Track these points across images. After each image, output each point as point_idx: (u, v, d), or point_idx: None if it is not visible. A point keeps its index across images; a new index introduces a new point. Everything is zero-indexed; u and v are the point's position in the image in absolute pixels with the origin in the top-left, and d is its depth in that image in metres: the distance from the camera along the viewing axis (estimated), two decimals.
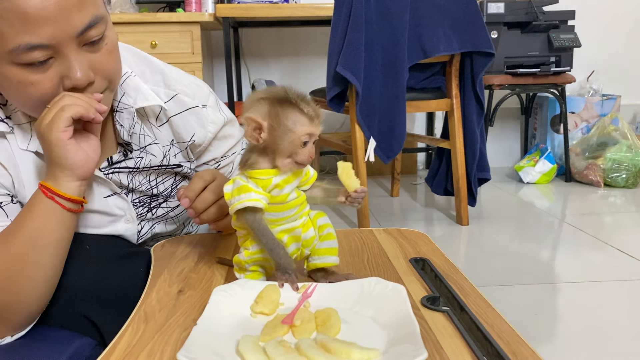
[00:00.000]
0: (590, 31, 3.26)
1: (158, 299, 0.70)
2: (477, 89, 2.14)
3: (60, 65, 0.71)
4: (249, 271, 0.71)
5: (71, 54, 0.70)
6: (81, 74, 0.71)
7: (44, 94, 0.71)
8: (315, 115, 0.67)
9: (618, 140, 2.91)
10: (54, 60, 0.70)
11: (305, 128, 0.66)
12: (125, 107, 0.86)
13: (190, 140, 0.95)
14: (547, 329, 1.41)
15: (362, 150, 2.07)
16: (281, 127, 0.65)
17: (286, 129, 0.65)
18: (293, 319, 0.58)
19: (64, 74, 0.71)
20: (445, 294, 0.71)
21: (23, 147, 0.80)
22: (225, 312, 0.61)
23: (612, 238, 2.09)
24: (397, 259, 0.84)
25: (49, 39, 0.67)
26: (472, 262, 1.95)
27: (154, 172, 0.94)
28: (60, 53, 0.70)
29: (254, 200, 0.66)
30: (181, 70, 0.97)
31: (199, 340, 0.53)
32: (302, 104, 0.66)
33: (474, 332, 0.60)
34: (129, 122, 0.86)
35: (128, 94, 0.86)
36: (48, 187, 0.73)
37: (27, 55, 0.67)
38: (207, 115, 0.95)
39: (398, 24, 1.95)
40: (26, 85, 0.70)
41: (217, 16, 2.56)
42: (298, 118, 0.66)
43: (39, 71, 0.70)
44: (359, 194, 0.71)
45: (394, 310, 0.59)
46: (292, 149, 0.66)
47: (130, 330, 0.61)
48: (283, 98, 0.66)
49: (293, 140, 0.66)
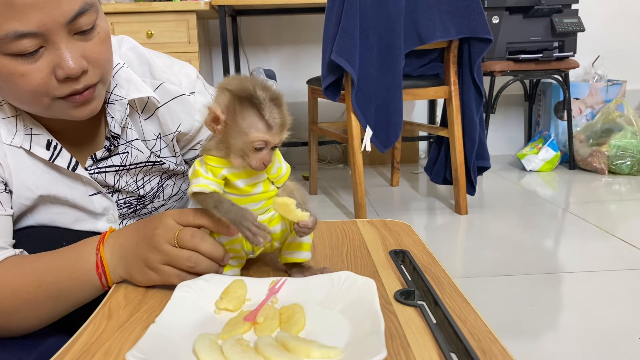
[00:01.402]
0: (594, 15, 3.19)
1: (125, 294, 0.68)
2: (474, 76, 2.10)
3: (51, 54, 0.68)
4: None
5: (62, 42, 0.68)
6: (74, 63, 0.68)
7: (35, 85, 0.69)
8: (278, 123, 0.62)
9: (623, 126, 2.86)
10: (44, 49, 0.68)
11: (260, 135, 0.61)
12: (118, 99, 0.84)
13: (177, 131, 0.93)
14: (547, 320, 1.39)
15: (358, 139, 2.04)
16: (235, 126, 0.62)
17: (239, 129, 0.62)
18: (256, 316, 0.56)
19: (55, 64, 0.68)
20: (422, 288, 0.68)
21: (7, 142, 0.78)
22: (187, 308, 0.59)
23: (615, 227, 2.05)
24: (376, 251, 0.82)
25: (37, 25, 0.65)
26: (468, 252, 1.93)
27: (141, 170, 0.92)
28: (51, 42, 0.67)
29: (201, 185, 0.63)
30: (169, 57, 0.94)
31: (153, 340, 0.51)
32: (265, 107, 0.61)
33: (445, 329, 0.57)
34: (120, 114, 0.84)
35: (120, 85, 0.84)
36: (103, 262, 0.70)
37: (16, 45, 0.65)
38: (194, 104, 0.92)
39: (393, 9, 1.91)
40: (17, 77, 0.68)
41: (213, 4, 2.53)
42: (254, 122, 0.61)
43: (29, 62, 0.67)
44: (301, 228, 0.66)
45: (362, 306, 0.57)
46: (244, 151, 0.63)
47: (91, 327, 0.60)
48: (247, 95, 0.62)
49: (245, 143, 0.62)
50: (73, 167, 0.81)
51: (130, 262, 0.69)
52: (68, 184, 0.83)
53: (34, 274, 0.71)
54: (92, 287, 0.72)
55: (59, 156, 0.80)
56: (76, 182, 0.84)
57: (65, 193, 0.83)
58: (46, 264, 0.72)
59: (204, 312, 0.60)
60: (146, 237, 0.68)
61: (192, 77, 0.93)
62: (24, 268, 0.71)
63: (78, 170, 0.82)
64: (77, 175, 0.83)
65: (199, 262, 0.66)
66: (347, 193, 2.62)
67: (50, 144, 0.79)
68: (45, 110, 0.74)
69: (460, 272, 1.71)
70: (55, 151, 0.80)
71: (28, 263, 0.72)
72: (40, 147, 0.79)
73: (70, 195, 0.83)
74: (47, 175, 0.81)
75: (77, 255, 0.72)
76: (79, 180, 0.84)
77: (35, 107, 0.74)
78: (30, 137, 0.78)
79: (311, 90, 2.45)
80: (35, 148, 0.79)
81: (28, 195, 0.80)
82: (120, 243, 0.71)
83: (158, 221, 0.68)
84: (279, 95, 0.64)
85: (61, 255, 0.73)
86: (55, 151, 0.80)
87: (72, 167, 0.81)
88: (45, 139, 0.79)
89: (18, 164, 0.79)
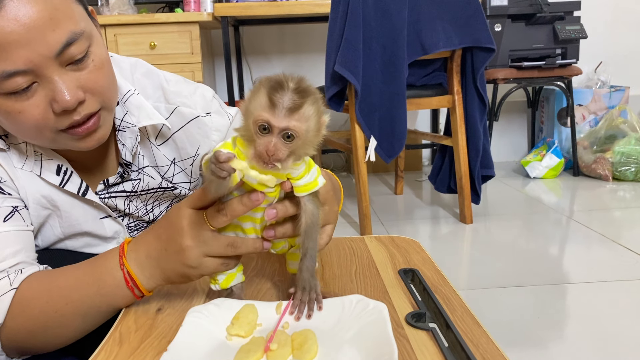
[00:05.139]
0: (596, 21, 3.20)
1: (135, 318, 0.68)
2: (478, 85, 2.10)
3: (45, 89, 0.67)
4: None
5: (54, 75, 0.66)
6: (69, 95, 0.67)
7: (34, 121, 0.68)
8: (285, 106, 0.57)
9: (627, 132, 2.85)
10: (37, 85, 0.66)
11: (262, 113, 0.57)
12: (129, 126, 0.83)
13: (196, 155, 0.91)
14: (553, 332, 1.38)
15: (362, 149, 2.04)
16: (245, 105, 0.60)
17: (247, 108, 0.59)
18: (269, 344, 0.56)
19: (51, 98, 0.67)
20: (432, 309, 0.68)
21: (18, 167, 0.78)
22: (199, 335, 0.58)
23: (621, 235, 2.04)
24: (385, 270, 0.81)
25: (25, 63, 0.64)
26: (474, 263, 1.92)
27: (152, 195, 0.91)
28: (43, 76, 0.66)
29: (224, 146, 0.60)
30: (184, 80, 0.93)
31: None
32: (278, 88, 0.57)
33: (457, 353, 0.57)
34: (131, 142, 0.83)
35: (131, 112, 0.83)
36: (132, 277, 0.67)
37: (7, 84, 0.64)
38: (210, 124, 0.91)
39: (397, 20, 1.92)
40: (15, 114, 0.67)
41: (215, 15, 2.54)
42: (261, 100, 0.58)
43: (23, 98, 0.66)
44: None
45: (374, 332, 0.57)
46: (251, 133, 0.58)
47: (103, 354, 0.60)
48: (268, 80, 0.59)
49: (249, 123, 0.58)
50: (83, 192, 0.81)
51: (165, 268, 0.66)
52: (81, 205, 0.84)
53: (59, 291, 0.69)
54: (123, 300, 0.69)
55: (69, 181, 0.80)
56: (87, 205, 0.84)
57: (78, 215, 0.83)
58: (70, 280, 0.70)
59: (216, 338, 0.59)
60: (175, 238, 0.64)
61: (208, 97, 0.92)
62: (49, 285, 0.70)
63: (88, 195, 0.82)
64: (87, 200, 0.83)
65: (240, 244, 0.64)
66: (351, 202, 2.62)
67: (60, 169, 0.79)
68: (51, 142, 0.73)
69: (467, 283, 1.70)
70: (66, 176, 0.80)
71: (53, 280, 0.70)
72: (50, 173, 0.79)
73: (82, 218, 0.84)
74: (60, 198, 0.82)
75: (100, 271, 0.69)
76: (89, 204, 0.84)
77: (41, 141, 0.73)
78: (41, 162, 0.78)
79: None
80: (46, 174, 0.79)
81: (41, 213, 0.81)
82: (145, 254, 0.67)
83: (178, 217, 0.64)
84: (307, 88, 0.59)
85: (84, 271, 0.70)
86: (65, 176, 0.80)
87: (82, 192, 0.81)
88: (55, 164, 0.79)
89: (31, 186, 0.79)
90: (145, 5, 2.92)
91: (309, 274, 0.65)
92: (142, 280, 0.68)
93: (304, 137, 0.59)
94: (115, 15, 2.61)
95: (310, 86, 0.60)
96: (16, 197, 0.77)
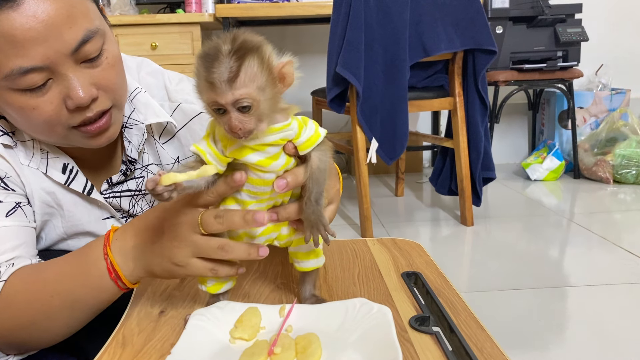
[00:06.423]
0: (598, 24, 3.20)
1: (138, 321, 0.68)
2: (479, 87, 2.10)
3: (59, 85, 0.68)
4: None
5: (69, 72, 0.67)
6: (83, 92, 0.68)
7: (47, 117, 0.69)
8: (223, 79, 0.51)
9: (628, 135, 2.85)
10: (52, 81, 0.67)
11: (206, 95, 0.53)
12: (136, 124, 0.83)
13: None
14: (554, 335, 1.38)
15: (363, 151, 2.04)
16: (194, 89, 0.55)
17: (196, 92, 0.55)
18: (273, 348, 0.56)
19: (65, 94, 0.68)
20: (436, 313, 0.68)
21: (25, 164, 0.78)
22: (202, 338, 0.58)
23: (621, 238, 2.04)
24: (388, 273, 0.81)
25: (42, 60, 0.65)
26: (475, 265, 1.92)
27: None
28: (58, 73, 0.67)
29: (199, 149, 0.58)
30: (184, 77, 0.93)
31: None
32: (212, 60, 0.51)
33: (462, 357, 0.57)
34: (138, 139, 0.84)
35: (138, 109, 0.84)
36: (115, 268, 0.66)
37: (24, 80, 0.65)
38: None
39: (398, 22, 1.92)
40: (28, 111, 0.68)
41: (217, 16, 2.54)
42: (200, 80, 0.53)
43: (38, 95, 0.67)
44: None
45: (378, 336, 0.57)
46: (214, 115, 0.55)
47: (106, 356, 0.59)
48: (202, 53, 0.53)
49: (205, 107, 0.55)
50: (88, 192, 0.82)
51: (151, 261, 0.65)
52: (85, 205, 0.84)
53: (44, 284, 0.69)
54: (108, 292, 0.68)
55: (75, 180, 0.80)
56: (91, 205, 0.84)
57: (82, 215, 0.83)
58: (55, 272, 0.69)
59: (219, 341, 0.59)
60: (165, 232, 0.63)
61: None
62: (35, 278, 0.70)
63: (93, 195, 0.82)
64: (92, 199, 0.83)
65: (232, 249, 0.60)
66: (352, 203, 2.61)
67: (66, 168, 0.80)
68: (62, 139, 0.74)
69: (468, 286, 1.70)
70: (71, 175, 0.80)
71: (40, 272, 0.70)
72: (56, 171, 0.79)
73: (85, 218, 0.83)
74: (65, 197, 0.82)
75: (85, 261, 0.68)
76: (94, 203, 0.84)
77: (52, 138, 0.74)
78: (47, 160, 0.79)
79: (315, 101, 2.45)
80: (51, 171, 0.79)
81: (44, 211, 0.81)
82: (131, 245, 0.66)
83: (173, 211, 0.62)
84: (244, 44, 0.52)
85: (69, 262, 0.70)
86: (71, 175, 0.80)
87: (87, 191, 0.82)
88: (61, 162, 0.80)
89: (36, 184, 0.80)
90: (146, 6, 2.92)
91: (315, 216, 0.60)
92: (125, 272, 0.66)
93: (262, 98, 0.53)
94: (117, 15, 2.61)
95: (247, 38, 0.53)
96: (20, 193, 0.78)
